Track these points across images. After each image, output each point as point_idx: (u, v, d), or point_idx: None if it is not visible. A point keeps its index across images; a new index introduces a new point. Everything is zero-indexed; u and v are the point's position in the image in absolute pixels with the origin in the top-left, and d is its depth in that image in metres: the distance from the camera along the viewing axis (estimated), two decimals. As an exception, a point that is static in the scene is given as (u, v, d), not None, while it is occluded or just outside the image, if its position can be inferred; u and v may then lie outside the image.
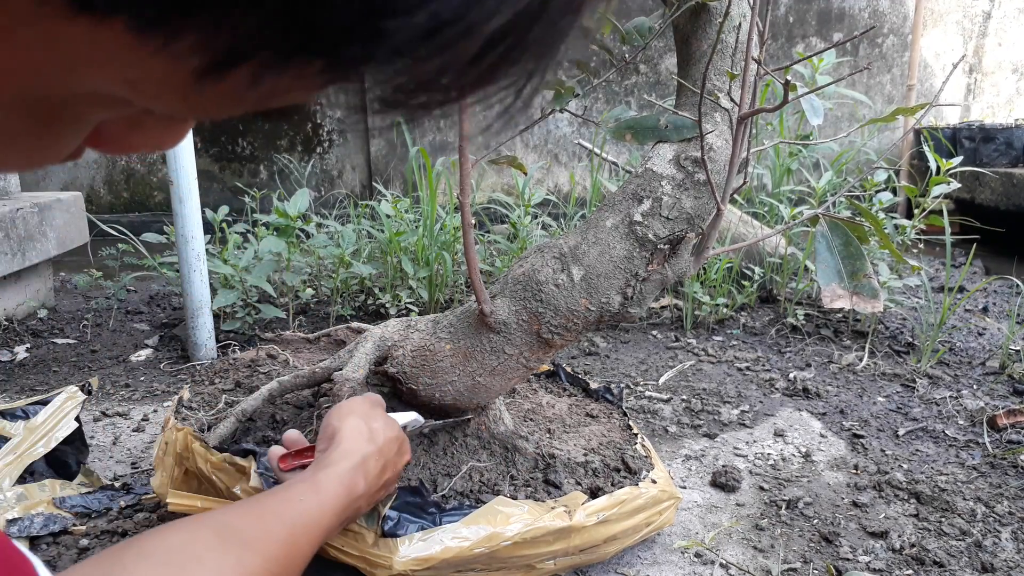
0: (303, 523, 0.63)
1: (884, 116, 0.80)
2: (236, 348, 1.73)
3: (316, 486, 0.68)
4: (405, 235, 2.01)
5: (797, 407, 1.49)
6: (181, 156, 1.53)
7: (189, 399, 1.08)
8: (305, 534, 0.63)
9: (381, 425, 0.78)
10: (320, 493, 0.67)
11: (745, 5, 0.89)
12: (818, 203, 2.17)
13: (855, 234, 0.82)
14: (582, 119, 1.00)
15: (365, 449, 0.73)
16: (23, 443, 1.04)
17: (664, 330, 1.99)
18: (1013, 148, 3.28)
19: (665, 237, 0.86)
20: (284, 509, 0.63)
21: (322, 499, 0.66)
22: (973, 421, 1.41)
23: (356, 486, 0.70)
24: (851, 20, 3.85)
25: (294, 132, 3.87)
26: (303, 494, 0.66)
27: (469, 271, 0.85)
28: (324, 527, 0.66)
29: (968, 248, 2.17)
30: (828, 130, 3.87)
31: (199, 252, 1.60)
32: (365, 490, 0.72)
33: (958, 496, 1.13)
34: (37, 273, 2.13)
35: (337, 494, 0.68)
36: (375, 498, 0.76)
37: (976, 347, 1.86)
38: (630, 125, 0.91)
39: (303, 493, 0.66)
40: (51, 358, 1.74)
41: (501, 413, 1.03)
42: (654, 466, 0.99)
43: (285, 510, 0.63)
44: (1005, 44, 3.93)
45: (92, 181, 3.87)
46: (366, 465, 0.72)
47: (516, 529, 0.82)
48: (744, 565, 0.96)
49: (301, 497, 0.65)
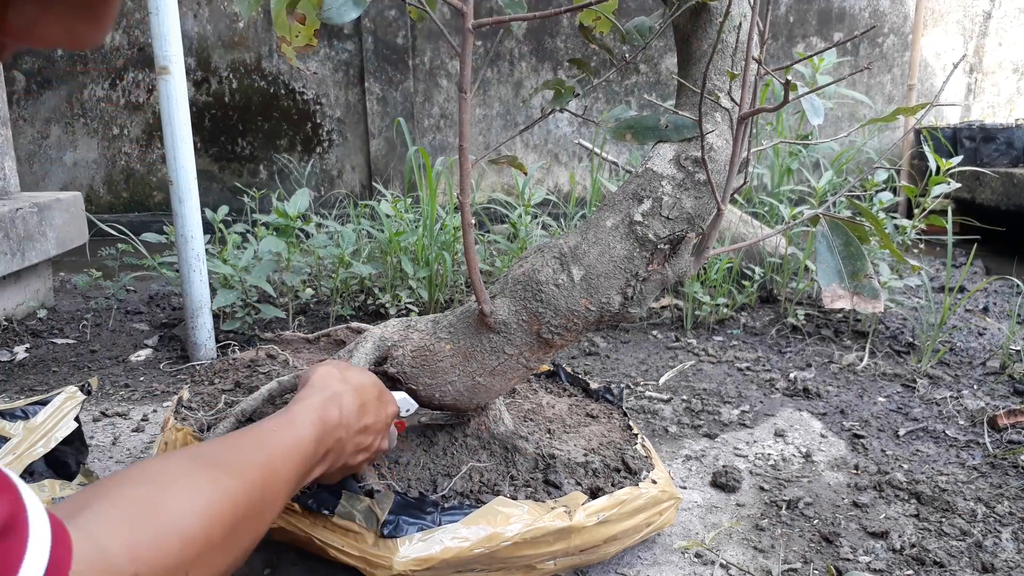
0: (280, 450, 0.65)
1: (884, 116, 0.80)
2: (236, 348, 1.73)
3: (289, 416, 0.70)
4: (405, 235, 2.01)
5: (797, 407, 1.49)
6: (181, 156, 1.52)
7: (189, 399, 1.08)
8: (283, 459, 0.65)
9: (355, 373, 0.81)
10: (294, 423, 0.69)
11: (745, 5, 0.89)
12: (818, 203, 2.17)
13: (855, 234, 0.82)
14: (582, 119, 1.00)
15: (337, 386, 0.76)
16: (23, 443, 1.04)
17: (664, 330, 1.99)
18: (1013, 148, 3.28)
19: (665, 237, 0.86)
20: (258, 437, 0.65)
21: (297, 428, 0.68)
22: (973, 421, 1.41)
23: (330, 415, 0.72)
24: (851, 20, 3.85)
25: (294, 132, 3.87)
26: (276, 426, 0.68)
27: (469, 271, 0.85)
28: (302, 453, 0.67)
29: (968, 248, 2.17)
30: (828, 130, 3.87)
31: (199, 252, 1.60)
32: (341, 421, 0.73)
33: (958, 496, 1.13)
34: (37, 273, 2.13)
35: (311, 421, 0.70)
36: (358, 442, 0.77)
37: (976, 347, 1.86)
38: (630, 125, 0.91)
39: (276, 425, 0.68)
40: (51, 358, 1.74)
41: (501, 413, 1.03)
42: (654, 466, 0.99)
43: (259, 438, 0.65)
44: (1005, 44, 3.93)
45: (92, 181, 3.87)
46: (340, 399, 0.75)
47: (516, 529, 0.82)
48: (744, 565, 0.96)
49: (274, 428, 0.67)
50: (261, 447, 0.64)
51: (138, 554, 0.48)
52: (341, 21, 0.75)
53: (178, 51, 1.49)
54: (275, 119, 3.84)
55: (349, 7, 0.74)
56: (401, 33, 3.72)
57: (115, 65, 3.76)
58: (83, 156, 3.84)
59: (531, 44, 3.83)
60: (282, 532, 0.86)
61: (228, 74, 3.79)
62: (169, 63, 1.48)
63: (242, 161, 3.89)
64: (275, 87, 3.81)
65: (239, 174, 3.89)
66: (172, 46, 1.47)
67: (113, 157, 3.86)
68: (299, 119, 3.85)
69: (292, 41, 0.78)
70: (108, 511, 0.49)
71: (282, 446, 0.66)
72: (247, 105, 3.82)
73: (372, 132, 3.81)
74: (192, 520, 0.52)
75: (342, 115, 3.85)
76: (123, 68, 3.76)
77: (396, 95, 3.77)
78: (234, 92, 3.81)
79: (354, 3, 0.74)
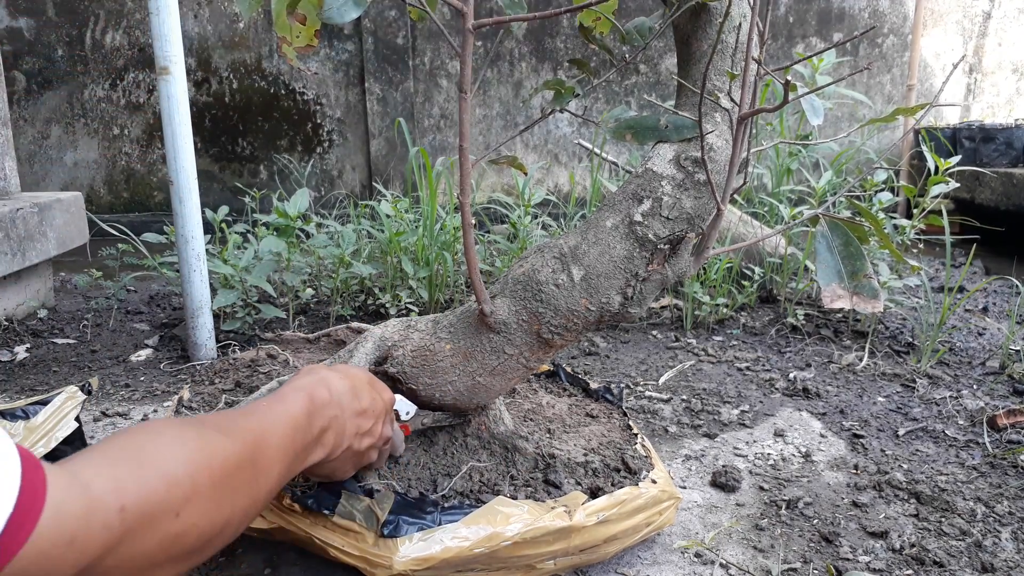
0: (270, 419, 0.66)
1: (884, 116, 0.80)
2: (236, 348, 1.73)
3: (279, 395, 0.72)
4: (405, 235, 2.01)
5: (797, 407, 1.49)
6: (181, 156, 1.53)
7: (189, 399, 1.08)
8: (273, 426, 0.66)
9: (343, 366, 0.83)
10: (284, 400, 0.70)
11: (745, 5, 0.89)
12: (818, 203, 2.17)
13: (855, 234, 0.82)
14: (582, 119, 1.00)
15: (324, 372, 0.78)
16: (23, 443, 1.04)
17: (664, 330, 1.99)
18: (1013, 148, 3.28)
19: (665, 237, 0.86)
20: (248, 408, 0.67)
21: (287, 404, 0.70)
22: (973, 421, 1.41)
23: (319, 393, 0.73)
24: (851, 20, 3.85)
25: (294, 132, 3.87)
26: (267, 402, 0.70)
27: (469, 271, 0.85)
28: (293, 425, 0.68)
29: (968, 248, 2.18)
30: (828, 130, 3.87)
31: (199, 252, 1.60)
32: (332, 398, 0.75)
33: (958, 496, 1.13)
34: (37, 273, 2.13)
35: (300, 398, 0.71)
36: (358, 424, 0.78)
37: (976, 347, 1.86)
38: (630, 125, 0.91)
39: (267, 401, 0.70)
40: (51, 358, 1.74)
41: (501, 413, 1.03)
42: (654, 466, 0.99)
43: (249, 409, 0.67)
44: (1005, 44, 3.93)
45: (92, 181, 3.87)
46: (327, 381, 0.76)
47: (516, 529, 0.82)
48: (744, 565, 0.96)
49: (265, 404, 0.69)
50: (250, 415, 0.66)
51: (123, 488, 0.48)
52: (341, 21, 0.75)
53: (178, 51, 1.49)
54: (275, 119, 3.84)
55: (349, 7, 0.74)
56: (401, 33, 3.72)
57: (115, 65, 3.76)
58: (83, 156, 3.84)
59: (531, 44, 3.83)
60: (282, 532, 0.86)
61: (228, 74, 3.79)
62: (169, 63, 1.48)
63: (242, 161, 3.89)
64: (275, 87, 3.82)
65: (239, 174, 3.90)
66: (172, 46, 1.48)
67: (114, 157, 3.86)
68: (299, 119, 3.85)
69: (293, 41, 0.79)
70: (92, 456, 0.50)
71: (271, 415, 0.67)
72: (247, 105, 3.82)
73: (372, 132, 3.81)
74: (176, 465, 0.53)
75: (342, 115, 3.85)
76: (123, 68, 3.76)
77: (396, 95, 3.77)
78: (234, 92, 3.81)
79: (354, 3, 0.74)
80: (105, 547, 0.46)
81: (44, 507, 0.42)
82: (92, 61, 3.74)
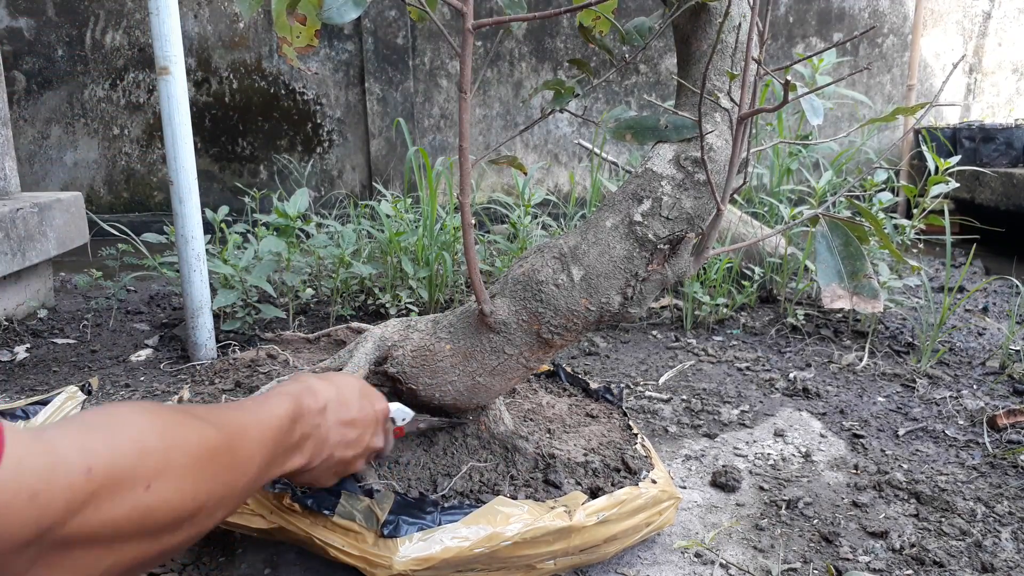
0: (252, 415, 0.66)
1: (884, 116, 0.80)
2: (236, 348, 1.73)
3: (265, 397, 0.72)
4: (405, 235, 2.01)
5: (797, 407, 1.49)
6: (181, 156, 1.53)
7: (189, 399, 1.08)
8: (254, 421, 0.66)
9: (335, 375, 0.82)
10: (269, 401, 0.70)
11: (745, 5, 0.89)
12: (818, 203, 2.17)
13: (855, 234, 0.82)
14: (582, 119, 1.00)
15: (313, 381, 0.78)
16: (23, 443, 1.04)
17: (664, 330, 1.99)
18: (1013, 148, 3.28)
19: (665, 237, 0.86)
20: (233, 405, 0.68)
21: (271, 405, 0.69)
22: (973, 421, 1.41)
23: (304, 400, 0.73)
24: (851, 20, 3.85)
25: (294, 132, 3.87)
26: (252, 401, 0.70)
27: (469, 271, 0.85)
28: (276, 425, 0.68)
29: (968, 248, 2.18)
30: (828, 130, 3.87)
31: (199, 252, 1.60)
32: (317, 406, 0.74)
33: (958, 496, 1.13)
34: (37, 273, 2.13)
35: (285, 401, 0.71)
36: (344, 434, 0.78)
37: (976, 347, 1.86)
38: (630, 125, 0.91)
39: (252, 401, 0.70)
40: (51, 358, 1.74)
41: (501, 413, 1.03)
42: (654, 466, 0.99)
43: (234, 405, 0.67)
44: (1005, 44, 3.93)
45: (92, 181, 3.87)
46: (314, 390, 0.76)
47: (516, 529, 0.82)
48: (744, 565, 0.96)
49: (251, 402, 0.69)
50: (234, 409, 0.66)
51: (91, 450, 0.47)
52: (341, 21, 0.75)
53: (178, 51, 1.49)
54: (275, 119, 3.84)
55: (349, 7, 0.74)
56: (401, 33, 3.72)
57: (115, 65, 3.76)
58: (83, 156, 3.84)
59: (531, 44, 3.83)
60: (282, 532, 0.86)
61: (228, 74, 3.79)
62: (169, 63, 1.48)
63: (242, 161, 3.89)
64: (275, 87, 3.82)
65: (239, 174, 3.90)
66: (172, 46, 1.48)
67: (114, 157, 3.86)
68: (299, 119, 3.85)
69: (293, 41, 0.79)
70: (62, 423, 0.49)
71: (255, 412, 0.67)
72: (247, 105, 3.82)
73: (372, 132, 3.81)
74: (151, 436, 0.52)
75: (342, 115, 3.85)
76: (123, 68, 3.76)
77: (396, 95, 3.77)
78: (234, 92, 3.81)
79: (354, 3, 0.74)
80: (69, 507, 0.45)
81: (2, 460, 0.41)
82: (92, 61, 3.74)
